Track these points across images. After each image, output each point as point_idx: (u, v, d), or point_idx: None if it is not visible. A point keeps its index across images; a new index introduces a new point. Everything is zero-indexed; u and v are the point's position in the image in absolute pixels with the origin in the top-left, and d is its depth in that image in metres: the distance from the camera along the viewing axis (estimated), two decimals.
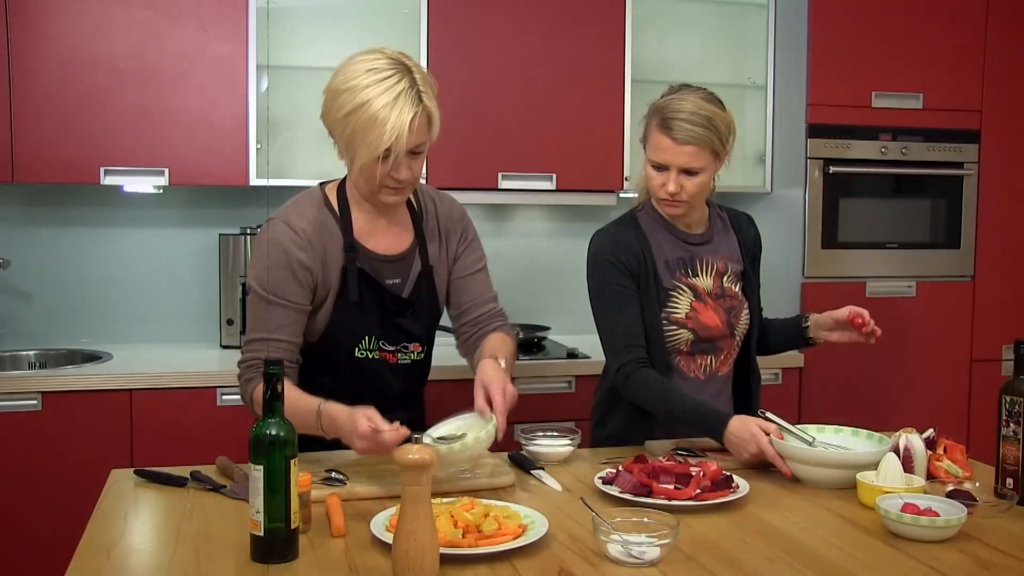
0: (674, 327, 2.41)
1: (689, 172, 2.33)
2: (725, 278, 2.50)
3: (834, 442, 2.20)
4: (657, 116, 2.35)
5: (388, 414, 2.05)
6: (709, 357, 2.46)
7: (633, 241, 2.43)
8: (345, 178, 2.28)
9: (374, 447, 1.91)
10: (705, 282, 2.46)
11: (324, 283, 2.19)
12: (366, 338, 2.23)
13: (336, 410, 1.99)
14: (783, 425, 2.17)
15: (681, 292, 2.44)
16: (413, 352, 2.31)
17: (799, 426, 2.21)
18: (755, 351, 2.57)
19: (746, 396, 2.55)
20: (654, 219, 2.48)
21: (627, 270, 2.41)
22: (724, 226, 2.56)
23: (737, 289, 2.52)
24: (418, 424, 2.28)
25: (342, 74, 2.11)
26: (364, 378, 2.25)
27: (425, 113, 2.10)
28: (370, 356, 2.24)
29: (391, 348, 2.27)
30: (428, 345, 2.36)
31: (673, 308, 2.42)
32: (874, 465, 2.02)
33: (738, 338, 2.51)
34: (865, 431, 2.22)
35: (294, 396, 2.04)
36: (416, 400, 2.43)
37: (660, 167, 2.35)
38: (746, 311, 2.51)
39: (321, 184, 2.29)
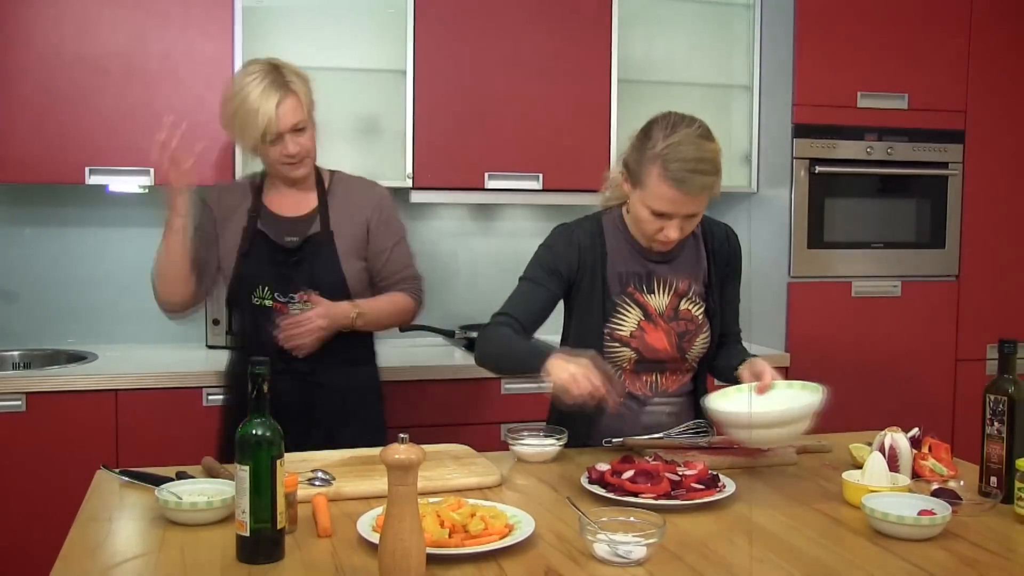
0: (616, 344, 2.34)
1: (692, 215, 2.26)
2: (684, 299, 2.40)
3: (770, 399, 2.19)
4: (658, 166, 2.18)
5: (286, 363, 2.50)
6: (655, 375, 2.39)
7: (588, 246, 2.36)
8: None
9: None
10: (659, 302, 2.38)
11: (229, 241, 2.62)
12: (260, 287, 2.59)
13: None
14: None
15: (629, 308, 2.36)
16: (300, 303, 2.56)
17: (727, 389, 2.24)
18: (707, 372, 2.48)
19: (698, 417, 2.43)
20: (618, 227, 2.41)
21: (558, 273, 2.35)
22: (695, 242, 2.45)
23: (697, 312, 2.41)
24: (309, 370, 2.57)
25: (229, 87, 2.58)
26: (262, 324, 2.58)
27: (292, 96, 2.51)
28: (264, 304, 2.58)
29: (283, 299, 2.57)
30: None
31: (617, 324, 2.35)
32: (805, 417, 2.06)
33: (691, 362, 2.42)
34: (800, 382, 2.23)
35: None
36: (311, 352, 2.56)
37: (662, 215, 2.24)
38: (704, 335, 2.41)
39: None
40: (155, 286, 2.63)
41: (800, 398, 2.15)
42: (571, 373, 2.10)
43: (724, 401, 2.19)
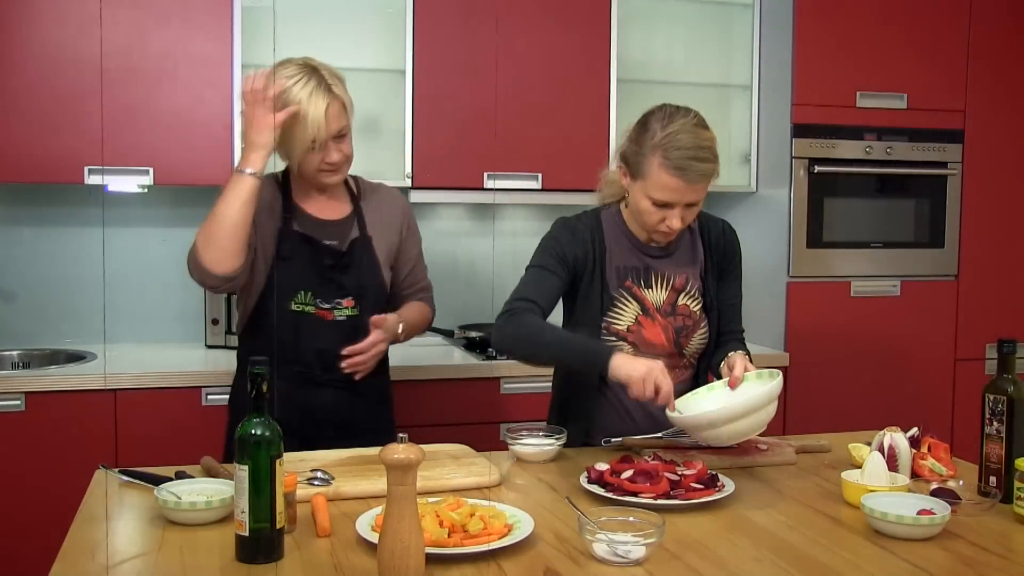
0: (613, 338, 2.34)
1: (693, 204, 2.28)
2: (682, 294, 2.41)
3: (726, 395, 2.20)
4: (658, 155, 2.21)
5: (329, 373, 2.39)
6: None
7: (589, 239, 2.38)
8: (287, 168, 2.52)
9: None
10: (656, 296, 2.39)
11: (261, 239, 2.41)
12: (301, 292, 2.40)
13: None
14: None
15: (626, 302, 2.37)
16: (347, 308, 2.45)
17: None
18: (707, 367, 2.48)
19: None
20: (617, 222, 2.42)
21: (566, 262, 2.36)
22: (692, 237, 2.47)
23: (695, 307, 2.42)
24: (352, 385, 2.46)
25: None
26: (301, 332, 2.43)
27: (337, 101, 2.39)
28: (305, 310, 2.41)
29: (326, 306, 2.44)
30: (361, 304, 2.47)
31: (615, 319, 2.36)
32: (765, 403, 2.06)
33: (689, 357, 2.43)
34: (768, 371, 2.22)
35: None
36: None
37: (664, 204, 2.26)
38: (702, 331, 2.42)
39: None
40: (200, 251, 2.30)
41: (750, 389, 2.15)
42: (646, 368, 2.11)
43: (699, 402, 2.21)
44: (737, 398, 2.14)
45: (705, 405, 2.18)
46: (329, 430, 2.41)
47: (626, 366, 2.14)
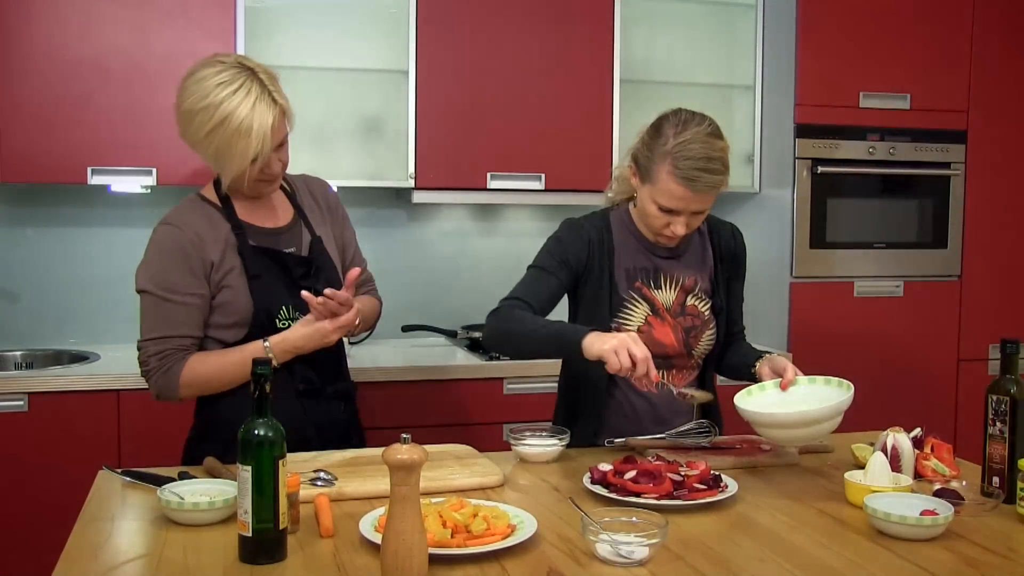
0: None
1: (699, 212, 2.28)
2: (691, 295, 2.41)
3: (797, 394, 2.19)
4: (668, 163, 2.20)
5: (319, 382, 2.30)
6: (662, 372, 2.36)
7: (596, 241, 2.37)
8: (217, 178, 2.33)
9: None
10: (666, 297, 2.39)
11: (222, 269, 2.23)
12: (283, 308, 2.27)
13: (283, 333, 2.21)
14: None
15: (636, 303, 2.37)
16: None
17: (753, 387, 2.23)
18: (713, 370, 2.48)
19: (703, 416, 2.41)
20: (625, 223, 2.42)
21: (567, 264, 2.35)
22: (701, 239, 2.47)
23: (703, 308, 2.42)
24: (351, 394, 2.41)
25: (191, 94, 2.19)
26: None
27: (280, 111, 2.18)
28: (291, 326, 2.25)
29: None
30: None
31: (625, 320, 2.36)
32: (835, 415, 2.06)
33: (697, 358, 2.42)
34: (823, 377, 2.21)
35: (230, 353, 2.22)
36: (342, 366, 2.44)
37: (670, 211, 2.26)
38: (710, 332, 2.42)
39: (196, 192, 2.35)
40: (181, 391, 2.27)
41: (831, 394, 2.15)
42: (618, 341, 2.07)
43: (754, 400, 2.19)
44: (820, 402, 2.11)
45: (773, 405, 2.15)
46: (332, 440, 2.33)
47: (597, 343, 2.10)
